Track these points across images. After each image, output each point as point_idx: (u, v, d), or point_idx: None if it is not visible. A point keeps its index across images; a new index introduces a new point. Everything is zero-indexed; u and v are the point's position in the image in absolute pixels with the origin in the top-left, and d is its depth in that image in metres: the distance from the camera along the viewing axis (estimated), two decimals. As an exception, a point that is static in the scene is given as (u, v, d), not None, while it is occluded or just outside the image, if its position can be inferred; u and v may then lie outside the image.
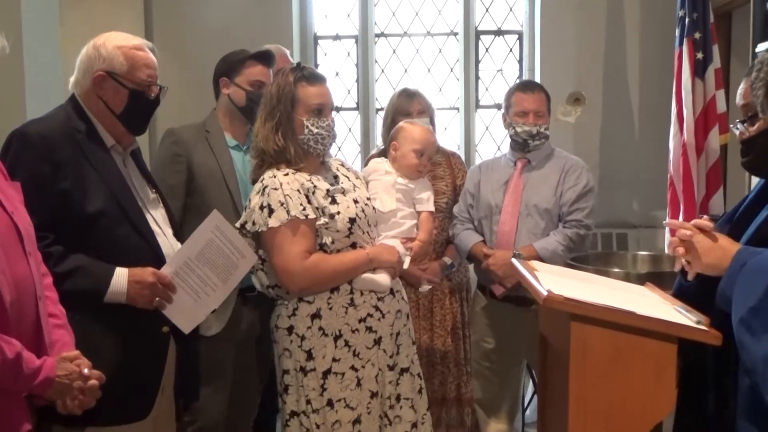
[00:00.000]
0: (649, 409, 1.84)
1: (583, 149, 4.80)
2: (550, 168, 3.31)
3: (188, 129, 3.01)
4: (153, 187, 2.46)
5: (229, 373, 2.92)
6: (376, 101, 5.36)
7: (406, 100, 3.59)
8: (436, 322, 3.59)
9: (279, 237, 2.42)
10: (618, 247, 4.66)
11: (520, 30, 5.28)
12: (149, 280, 2.19)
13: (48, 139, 2.16)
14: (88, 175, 2.19)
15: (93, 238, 2.18)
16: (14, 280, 1.80)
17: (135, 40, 2.33)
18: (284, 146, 2.49)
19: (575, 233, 3.18)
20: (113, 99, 2.28)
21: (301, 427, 2.49)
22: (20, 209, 1.94)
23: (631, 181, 4.86)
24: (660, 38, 4.63)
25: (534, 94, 3.31)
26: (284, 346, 2.51)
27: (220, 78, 3.05)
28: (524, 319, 3.21)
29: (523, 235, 3.23)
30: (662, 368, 1.82)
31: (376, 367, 2.52)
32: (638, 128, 4.92)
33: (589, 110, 4.92)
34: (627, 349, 1.82)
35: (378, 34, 5.37)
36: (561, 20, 4.90)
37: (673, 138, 3.88)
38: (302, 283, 2.45)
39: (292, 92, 2.50)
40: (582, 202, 3.23)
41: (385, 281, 2.53)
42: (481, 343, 3.43)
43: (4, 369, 1.71)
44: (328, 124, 2.54)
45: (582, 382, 1.84)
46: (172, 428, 2.46)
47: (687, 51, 3.80)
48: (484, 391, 3.45)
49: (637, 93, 4.89)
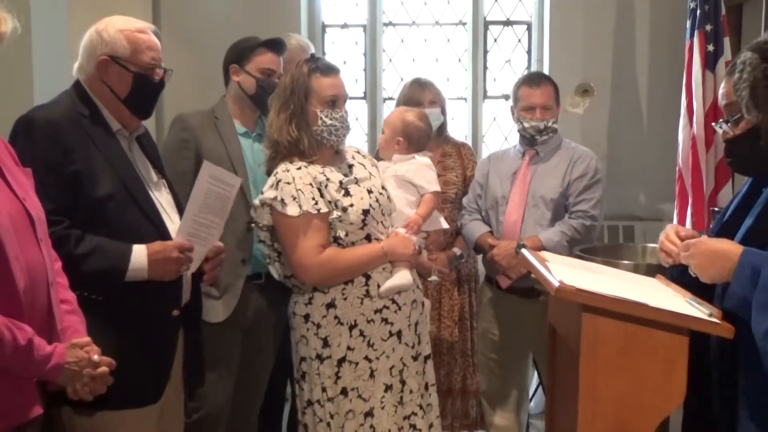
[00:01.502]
0: (659, 401, 1.84)
1: (591, 141, 4.77)
2: (558, 159, 3.29)
3: (197, 115, 3.00)
4: (159, 172, 2.45)
5: (235, 361, 2.92)
6: (383, 90, 5.34)
7: (418, 90, 3.59)
8: (444, 312, 3.59)
9: (292, 231, 2.42)
10: (624, 239, 4.64)
11: (529, 21, 5.26)
12: (174, 255, 2.20)
13: (55, 124, 2.16)
14: (95, 159, 2.20)
15: (103, 222, 2.18)
16: (27, 267, 1.81)
17: (137, 23, 2.32)
18: (298, 137, 2.49)
19: (581, 224, 3.17)
20: (118, 83, 2.27)
21: (315, 417, 2.50)
22: (32, 196, 1.95)
23: (639, 174, 4.85)
24: (670, 30, 4.61)
25: (540, 88, 3.29)
26: (301, 333, 2.52)
27: (230, 65, 3.04)
28: (530, 311, 3.20)
29: (529, 225, 3.22)
30: (673, 360, 1.82)
31: (391, 360, 2.51)
32: (647, 120, 4.90)
33: (598, 102, 4.90)
34: (638, 340, 1.82)
35: (386, 23, 5.35)
36: (570, 11, 4.88)
37: (682, 130, 3.87)
38: (317, 278, 2.46)
39: (306, 83, 2.50)
40: (589, 193, 3.22)
41: (408, 279, 2.53)
42: (486, 335, 3.43)
43: (17, 355, 1.73)
44: (342, 115, 2.54)
45: (592, 373, 1.84)
46: (180, 414, 2.47)
47: (698, 43, 3.79)
48: (489, 383, 3.45)
49: (646, 85, 4.88)
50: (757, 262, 1.68)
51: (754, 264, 1.68)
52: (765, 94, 1.82)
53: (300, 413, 2.57)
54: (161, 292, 2.26)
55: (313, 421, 2.51)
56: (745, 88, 1.83)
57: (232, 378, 2.92)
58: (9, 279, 1.76)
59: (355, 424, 2.47)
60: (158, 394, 2.28)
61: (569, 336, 2.05)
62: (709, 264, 1.74)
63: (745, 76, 1.84)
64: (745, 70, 1.84)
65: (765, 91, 1.82)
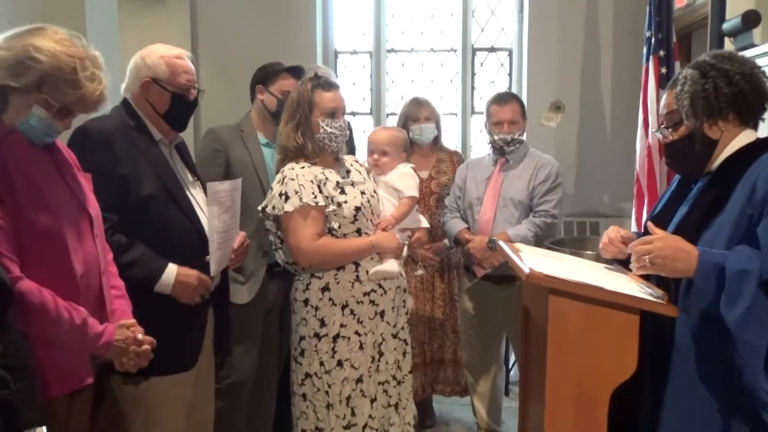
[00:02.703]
0: (614, 370, 1.82)
1: (563, 150, 4.77)
2: (524, 166, 3.28)
3: (226, 128, 3.00)
4: (194, 175, 2.45)
5: (258, 336, 2.92)
6: (387, 107, 5.33)
7: (416, 107, 3.58)
8: (437, 294, 3.59)
9: (293, 220, 2.41)
10: (591, 233, 4.64)
11: (510, 48, 5.24)
12: (194, 283, 2.21)
13: (106, 134, 2.16)
14: (140, 164, 2.19)
15: (147, 218, 2.17)
16: (84, 258, 1.83)
17: (175, 51, 2.32)
18: (303, 143, 2.48)
19: (543, 221, 3.16)
20: (158, 101, 2.27)
21: (314, 387, 2.49)
22: (90, 197, 1.96)
23: (603, 178, 4.84)
24: (630, 55, 4.60)
25: (508, 105, 3.26)
26: (301, 315, 2.51)
27: (257, 85, 3.03)
28: (502, 296, 3.22)
29: (500, 223, 3.21)
30: (626, 336, 1.80)
31: (376, 335, 2.50)
32: (610, 132, 4.89)
33: (568, 117, 4.89)
34: (597, 319, 1.80)
35: (389, 50, 5.34)
36: (545, 39, 4.88)
37: (639, 141, 3.83)
38: (311, 261, 2.44)
39: (309, 98, 2.49)
40: (550, 195, 3.21)
41: (395, 268, 2.51)
42: (466, 316, 3.43)
43: (73, 332, 1.75)
44: (341, 124, 2.52)
45: (558, 347, 1.83)
46: (211, 380, 2.47)
47: (653, 66, 3.76)
48: (470, 357, 3.46)
49: (609, 102, 4.87)
50: (718, 259, 1.64)
51: (715, 262, 1.64)
52: (702, 105, 1.82)
53: (297, 386, 2.54)
54: None
55: (312, 391, 2.49)
56: (686, 98, 1.83)
57: (256, 350, 2.92)
58: (69, 267, 1.78)
59: (349, 389, 2.47)
60: (192, 364, 2.28)
61: (539, 315, 2.03)
62: (675, 259, 1.67)
63: (686, 89, 1.83)
64: (686, 83, 1.84)
65: (702, 102, 1.81)
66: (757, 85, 1.82)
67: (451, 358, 3.64)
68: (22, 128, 1.76)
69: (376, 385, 2.52)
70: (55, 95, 1.74)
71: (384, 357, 2.52)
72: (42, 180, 1.78)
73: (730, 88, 1.80)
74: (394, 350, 2.55)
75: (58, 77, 1.73)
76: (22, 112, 1.74)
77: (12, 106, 1.74)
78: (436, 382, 3.65)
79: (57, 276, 1.75)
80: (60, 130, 1.83)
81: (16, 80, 1.71)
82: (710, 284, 1.63)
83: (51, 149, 1.88)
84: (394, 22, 5.33)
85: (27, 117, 1.74)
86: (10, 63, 1.71)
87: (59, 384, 1.76)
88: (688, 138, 1.87)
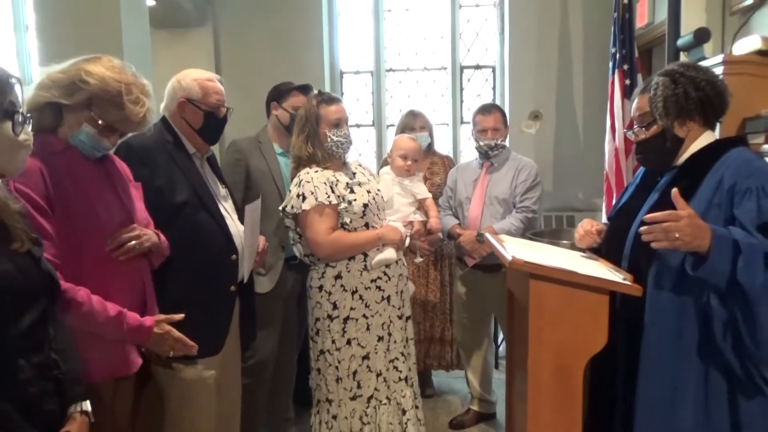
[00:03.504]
0: (588, 343, 1.83)
1: (541, 153, 4.79)
2: (507, 168, 3.27)
3: (245, 140, 3.00)
4: (224, 184, 2.44)
5: (278, 321, 2.92)
6: (387, 119, 5.35)
7: (412, 118, 3.59)
8: (431, 280, 3.60)
9: (310, 217, 2.42)
10: (567, 226, 4.65)
11: (494, 65, 5.25)
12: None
13: (146, 149, 2.16)
14: (176, 175, 2.19)
15: (180, 222, 2.16)
16: (130, 260, 1.83)
17: (207, 74, 2.32)
18: (313, 152, 2.49)
19: (524, 217, 3.16)
20: (193, 118, 2.27)
21: (326, 362, 2.50)
22: (139, 205, 1.96)
23: (577, 177, 4.85)
24: (598, 69, 4.61)
25: (491, 115, 3.26)
26: (316, 300, 2.52)
27: (272, 102, 3.04)
28: (490, 282, 3.21)
29: (486, 219, 3.21)
30: (598, 314, 1.81)
31: (383, 317, 2.51)
32: (582, 137, 4.90)
33: (546, 124, 4.91)
34: (572, 299, 1.81)
35: (388, 69, 5.36)
36: (524, 57, 4.89)
37: (607, 144, 3.83)
38: (327, 252, 2.45)
39: (316, 112, 2.50)
40: (530, 193, 3.20)
41: (392, 255, 2.51)
42: (459, 300, 3.43)
43: (109, 323, 1.73)
44: (345, 133, 2.52)
45: (538, 324, 1.84)
46: (238, 361, 2.47)
47: (618, 79, 3.75)
48: (462, 336, 3.46)
49: (581, 110, 4.88)
50: (727, 234, 1.60)
51: (728, 237, 1.59)
52: (673, 107, 1.83)
53: (313, 361, 2.57)
54: (223, 274, 2.25)
55: (324, 366, 2.51)
56: (660, 101, 1.84)
57: (276, 334, 2.93)
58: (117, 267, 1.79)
59: (355, 365, 2.48)
60: (219, 347, 2.28)
61: (521, 297, 2.04)
62: (697, 236, 1.58)
63: (659, 93, 1.84)
64: (659, 88, 1.85)
65: (673, 104, 1.83)
66: (720, 90, 1.84)
67: (439, 336, 3.66)
68: (73, 142, 1.78)
69: (386, 362, 2.52)
70: (102, 114, 1.76)
71: (392, 337, 2.53)
72: (94, 191, 1.79)
73: (697, 93, 1.81)
74: (401, 330, 2.56)
75: (105, 98, 1.74)
76: (74, 127, 1.76)
77: (66, 122, 1.76)
78: (427, 357, 3.67)
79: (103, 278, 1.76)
80: (107, 146, 1.84)
81: (68, 99, 1.73)
82: (726, 257, 1.58)
83: (104, 163, 1.89)
84: (391, 44, 5.34)
85: (78, 132, 1.76)
86: (65, 84, 1.73)
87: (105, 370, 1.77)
88: (660, 136, 1.87)
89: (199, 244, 2.18)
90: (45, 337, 1.41)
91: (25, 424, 1.27)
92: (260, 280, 2.80)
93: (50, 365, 1.40)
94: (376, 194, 2.58)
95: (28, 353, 1.34)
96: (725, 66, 2.60)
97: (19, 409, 1.27)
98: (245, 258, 2.28)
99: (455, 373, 3.82)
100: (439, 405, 3.70)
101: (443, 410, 3.63)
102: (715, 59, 2.68)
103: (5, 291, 1.29)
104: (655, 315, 1.77)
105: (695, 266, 1.62)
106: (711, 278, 1.61)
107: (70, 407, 1.45)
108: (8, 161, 1.41)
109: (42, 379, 1.36)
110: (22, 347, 1.32)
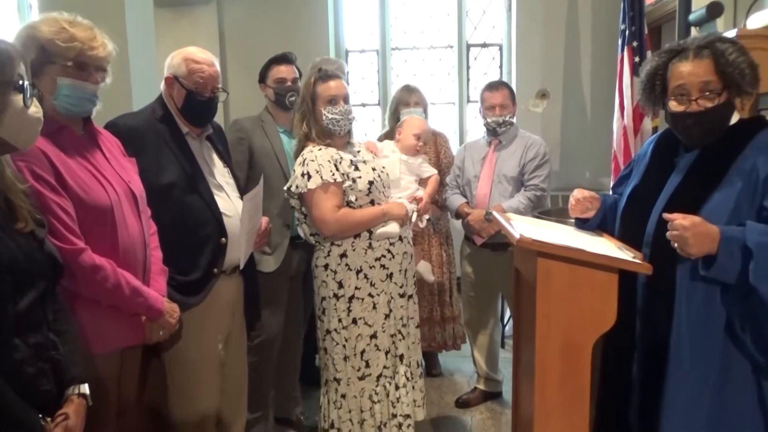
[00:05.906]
0: (596, 322, 1.79)
1: (548, 132, 4.73)
2: (515, 146, 3.21)
3: (248, 119, 2.96)
4: (226, 163, 2.38)
5: (283, 300, 2.90)
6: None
7: (407, 93, 3.51)
8: (433, 259, 3.55)
9: (316, 196, 2.38)
10: (574, 205, 4.60)
11: (501, 43, 5.18)
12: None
13: (133, 129, 2.11)
14: (165, 155, 2.12)
15: (168, 204, 2.09)
16: (128, 232, 1.82)
17: (200, 54, 2.21)
18: (308, 131, 2.46)
19: (533, 194, 3.11)
20: (177, 97, 2.20)
21: (333, 342, 2.48)
22: (135, 179, 1.94)
23: (584, 156, 4.80)
24: (606, 47, 4.54)
25: (498, 91, 3.20)
26: (322, 279, 2.49)
27: (260, 84, 3.01)
28: (498, 260, 3.17)
29: (495, 197, 3.15)
30: (607, 292, 1.77)
31: (388, 295, 2.48)
32: (590, 115, 4.84)
33: (553, 103, 4.84)
34: (580, 278, 1.77)
35: (393, 48, 5.29)
36: (531, 35, 4.82)
37: (616, 122, 3.78)
38: (334, 230, 2.41)
39: (312, 90, 2.46)
40: (539, 171, 3.14)
41: (395, 229, 2.47)
42: (466, 279, 3.39)
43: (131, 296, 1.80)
44: (341, 109, 2.46)
45: (546, 303, 1.80)
46: (244, 339, 2.46)
47: (627, 56, 3.68)
48: (469, 314, 3.42)
49: (589, 89, 4.82)
50: (738, 236, 1.57)
51: (737, 239, 1.57)
52: (749, 76, 1.69)
53: (320, 341, 2.54)
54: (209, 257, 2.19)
55: (331, 345, 2.48)
56: (744, 65, 1.68)
57: (282, 312, 2.91)
58: (115, 239, 1.78)
59: (363, 344, 2.45)
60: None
61: (529, 275, 2.00)
62: (702, 242, 1.58)
63: (735, 57, 1.68)
64: (732, 53, 1.69)
65: (750, 74, 1.70)
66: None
67: (439, 316, 3.61)
68: (60, 106, 1.73)
69: (391, 339, 2.51)
70: (63, 53, 1.70)
71: (393, 314, 2.51)
72: (92, 165, 1.78)
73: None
74: (401, 308, 2.53)
75: (54, 39, 1.69)
76: (52, 90, 1.71)
77: (43, 86, 1.69)
78: (425, 338, 3.62)
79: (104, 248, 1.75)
80: (92, 89, 1.78)
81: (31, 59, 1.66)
82: (734, 260, 1.56)
83: (97, 138, 1.86)
84: (397, 23, 5.27)
85: (57, 91, 1.72)
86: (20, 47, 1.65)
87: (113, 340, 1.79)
88: (724, 106, 1.73)
89: (185, 226, 2.12)
90: (43, 318, 1.39)
91: (19, 400, 1.25)
92: (266, 259, 2.77)
93: (48, 346, 1.38)
94: (381, 171, 2.54)
95: (25, 333, 1.32)
96: (739, 41, 2.52)
97: (15, 388, 1.25)
98: (242, 244, 2.23)
99: (462, 353, 3.80)
100: (445, 384, 3.69)
101: (449, 389, 3.62)
102: (728, 34, 2.61)
103: (6, 270, 1.27)
104: (686, 303, 1.72)
105: (705, 266, 1.62)
106: (722, 278, 1.61)
107: (68, 389, 1.44)
108: (22, 134, 1.39)
109: (39, 360, 1.34)
110: (20, 327, 1.30)
